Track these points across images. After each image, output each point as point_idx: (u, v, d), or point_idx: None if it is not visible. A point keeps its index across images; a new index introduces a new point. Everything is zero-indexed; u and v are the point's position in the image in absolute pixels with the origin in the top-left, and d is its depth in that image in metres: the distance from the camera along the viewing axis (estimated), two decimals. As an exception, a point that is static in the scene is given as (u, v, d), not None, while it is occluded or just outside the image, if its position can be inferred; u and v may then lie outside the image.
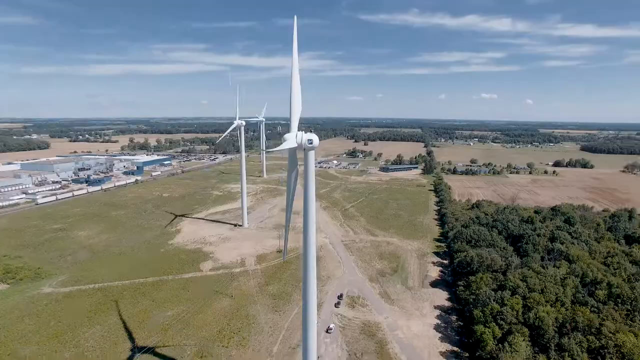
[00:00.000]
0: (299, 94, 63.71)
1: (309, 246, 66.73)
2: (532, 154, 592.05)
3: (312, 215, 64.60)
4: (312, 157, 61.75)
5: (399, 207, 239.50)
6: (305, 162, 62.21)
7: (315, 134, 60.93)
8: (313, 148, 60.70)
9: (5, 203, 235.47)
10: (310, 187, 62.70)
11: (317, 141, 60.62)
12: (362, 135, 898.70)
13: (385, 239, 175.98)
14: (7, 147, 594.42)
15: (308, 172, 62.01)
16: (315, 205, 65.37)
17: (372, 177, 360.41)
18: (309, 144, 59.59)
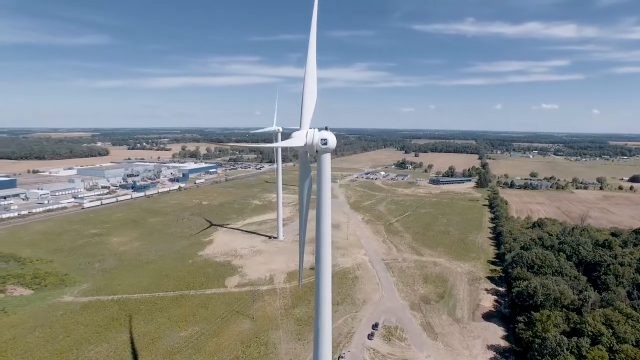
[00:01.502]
0: (314, 82, 50.68)
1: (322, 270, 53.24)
2: (601, 167, 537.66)
3: (327, 234, 51.24)
4: (327, 161, 48.33)
5: (448, 223, 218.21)
6: (318, 168, 48.84)
7: (331, 133, 47.41)
8: (328, 150, 47.26)
9: (55, 206, 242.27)
10: (324, 200, 49.28)
11: (333, 141, 47.10)
12: (412, 146, 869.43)
13: (432, 259, 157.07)
14: (72, 153, 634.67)
15: (322, 180, 48.57)
16: (330, 220, 51.63)
17: (421, 190, 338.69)
18: (323, 144, 46.17)
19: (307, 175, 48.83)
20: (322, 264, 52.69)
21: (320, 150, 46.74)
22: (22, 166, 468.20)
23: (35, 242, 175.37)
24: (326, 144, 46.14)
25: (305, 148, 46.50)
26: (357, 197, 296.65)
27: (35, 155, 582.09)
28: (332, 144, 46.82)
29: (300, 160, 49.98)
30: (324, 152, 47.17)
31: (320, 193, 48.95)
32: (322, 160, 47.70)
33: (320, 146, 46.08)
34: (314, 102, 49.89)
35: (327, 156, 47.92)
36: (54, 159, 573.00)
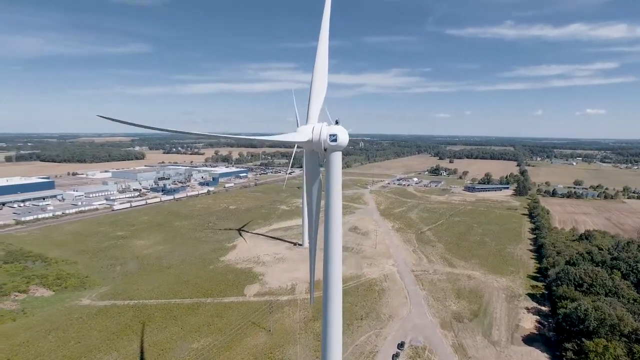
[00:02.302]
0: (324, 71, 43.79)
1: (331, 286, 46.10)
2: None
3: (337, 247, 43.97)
4: (337, 162, 41.11)
5: (484, 232, 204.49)
6: (327, 170, 41.62)
7: (343, 128, 40.21)
8: (338, 148, 40.07)
9: (86, 208, 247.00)
10: (333, 207, 42.02)
11: (344, 138, 39.84)
12: (447, 152, 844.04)
13: (466, 272, 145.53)
14: (111, 157, 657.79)
15: (331, 184, 41.38)
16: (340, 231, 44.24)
17: (455, 197, 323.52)
18: (332, 141, 39.00)
19: (314, 179, 41.86)
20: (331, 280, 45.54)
21: (329, 149, 39.59)
22: (64, 168, 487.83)
23: (64, 242, 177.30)
24: (336, 141, 38.94)
25: (311, 145, 39.48)
26: (387, 204, 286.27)
27: (77, 159, 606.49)
28: (344, 140, 39.55)
29: (305, 160, 43.17)
30: (333, 150, 39.99)
31: (329, 199, 41.79)
32: (331, 160, 40.53)
33: (329, 143, 38.94)
34: (323, 93, 42.96)
35: (338, 155, 40.69)
36: (94, 162, 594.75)
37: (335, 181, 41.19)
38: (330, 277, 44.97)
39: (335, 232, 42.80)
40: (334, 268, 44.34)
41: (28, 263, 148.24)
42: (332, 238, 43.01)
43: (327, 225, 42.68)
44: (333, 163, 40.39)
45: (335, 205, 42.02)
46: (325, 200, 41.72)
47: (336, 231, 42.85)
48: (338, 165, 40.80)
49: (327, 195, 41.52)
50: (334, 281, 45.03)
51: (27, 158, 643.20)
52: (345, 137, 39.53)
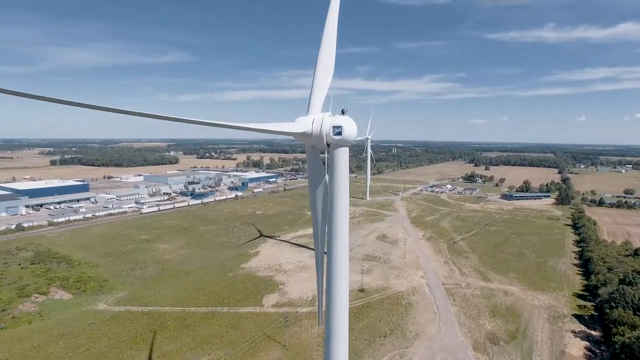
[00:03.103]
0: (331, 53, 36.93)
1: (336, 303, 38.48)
2: None
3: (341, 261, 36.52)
4: (342, 160, 33.87)
5: (523, 244, 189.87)
6: (330, 169, 34.46)
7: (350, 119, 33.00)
8: (344, 143, 32.85)
9: (116, 210, 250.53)
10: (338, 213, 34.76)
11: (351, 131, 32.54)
12: (483, 159, 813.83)
13: (502, 287, 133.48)
14: (146, 161, 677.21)
15: (335, 185, 34.23)
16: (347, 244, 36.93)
17: (492, 205, 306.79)
18: (336, 134, 31.89)
19: (318, 180, 34.84)
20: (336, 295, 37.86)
21: (332, 143, 32.55)
22: (101, 172, 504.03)
23: (90, 245, 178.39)
24: (340, 134, 31.81)
25: (311, 139, 32.54)
26: (419, 212, 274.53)
27: (114, 163, 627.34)
28: (350, 134, 32.36)
29: (307, 158, 36.08)
30: (337, 146, 32.87)
31: (333, 204, 34.64)
32: (335, 157, 33.39)
33: (332, 137, 31.88)
34: (329, 80, 36.03)
35: (343, 153, 33.47)
36: (130, 166, 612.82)
37: (340, 183, 34.06)
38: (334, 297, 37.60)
39: (340, 243, 35.60)
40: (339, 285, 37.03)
41: (53, 264, 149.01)
42: (336, 250, 35.82)
43: (331, 234, 35.61)
44: (337, 161, 33.27)
45: (340, 211, 34.84)
46: (329, 205, 34.74)
47: (341, 242, 35.63)
48: (344, 164, 33.65)
49: (331, 199, 34.50)
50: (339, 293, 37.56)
51: (69, 162, 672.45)
52: (352, 130, 32.41)
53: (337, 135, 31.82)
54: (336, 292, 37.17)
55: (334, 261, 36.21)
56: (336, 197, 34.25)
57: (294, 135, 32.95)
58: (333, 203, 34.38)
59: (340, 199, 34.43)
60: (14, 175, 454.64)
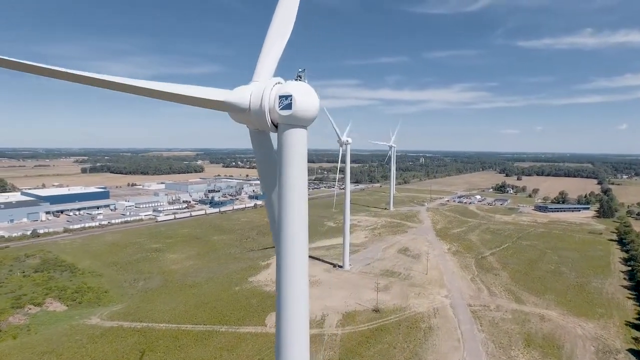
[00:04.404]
0: (292, 13, 26.39)
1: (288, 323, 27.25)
2: None
3: (296, 268, 25.58)
4: (296, 143, 23.02)
5: (561, 260, 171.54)
6: (280, 158, 23.63)
7: (307, 87, 22.26)
8: (297, 121, 22.03)
9: (132, 218, 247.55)
10: (290, 213, 23.96)
11: (306, 103, 21.71)
12: (514, 169, 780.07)
13: (538, 311, 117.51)
14: (171, 169, 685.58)
15: (285, 178, 23.41)
16: (305, 254, 26.10)
17: (524, 218, 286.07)
18: (284, 108, 21.14)
19: (271, 175, 24.19)
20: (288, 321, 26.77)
21: (281, 123, 21.93)
22: (127, 180, 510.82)
23: (98, 253, 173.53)
24: (290, 108, 21.20)
25: (250, 117, 22.04)
26: (445, 223, 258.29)
27: (141, 171, 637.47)
28: (305, 107, 21.70)
29: (253, 146, 25.51)
30: (289, 125, 22.21)
31: (284, 205, 23.90)
32: (285, 142, 22.73)
33: (279, 111, 21.31)
34: (283, 43, 25.46)
35: (298, 136, 22.74)
36: (156, 174, 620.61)
37: (293, 178, 23.36)
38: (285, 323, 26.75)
39: (293, 256, 24.92)
40: (291, 307, 26.25)
41: (56, 273, 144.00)
42: (288, 262, 25.08)
43: (280, 242, 24.94)
44: (288, 148, 22.64)
45: (294, 215, 24.23)
46: (277, 206, 24.16)
47: (294, 255, 24.93)
48: (299, 153, 22.98)
49: (280, 199, 23.85)
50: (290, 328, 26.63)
51: (99, 170, 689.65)
52: (309, 101, 21.83)
53: (285, 109, 21.25)
54: (287, 317, 26.29)
55: (287, 275, 25.56)
56: (287, 197, 23.55)
57: (229, 112, 22.65)
58: (283, 204, 23.67)
59: (293, 199, 23.72)
60: (44, 182, 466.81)
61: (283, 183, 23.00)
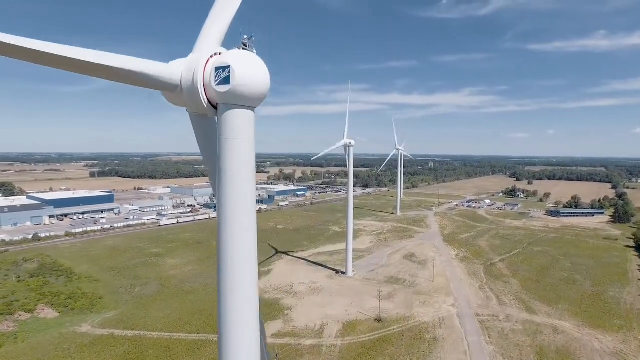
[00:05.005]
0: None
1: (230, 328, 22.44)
2: None
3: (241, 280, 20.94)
4: (239, 127, 18.37)
5: (574, 268, 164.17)
6: (219, 145, 18.97)
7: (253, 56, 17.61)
8: (239, 100, 17.38)
9: (134, 222, 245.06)
10: (232, 210, 19.26)
11: (251, 76, 17.00)
12: (525, 173, 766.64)
13: (551, 321, 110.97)
14: (179, 173, 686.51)
15: (226, 169, 18.76)
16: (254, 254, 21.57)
17: (536, 223, 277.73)
18: (221, 83, 16.68)
19: (204, 147, 19.66)
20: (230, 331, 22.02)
21: (220, 103, 17.38)
22: (134, 184, 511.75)
23: (97, 257, 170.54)
24: (228, 82, 16.70)
25: (182, 94, 17.53)
26: (453, 228, 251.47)
27: (149, 175, 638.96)
28: (248, 81, 17.26)
29: (195, 132, 20.95)
30: (229, 106, 17.63)
31: (223, 200, 19.30)
32: (225, 126, 18.18)
33: (215, 87, 16.77)
34: (233, 9, 20.83)
35: (241, 118, 18.18)
36: (163, 178, 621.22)
37: (235, 172, 18.78)
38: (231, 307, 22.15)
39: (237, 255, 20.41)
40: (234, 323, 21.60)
41: (52, 278, 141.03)
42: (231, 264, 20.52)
43: (221, 241, 20.38)
44: (227, 134, 18.09)
45: (237, 212, 19.67)
46: (217, 198, 19.67)
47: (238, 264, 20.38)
48: (243, 139, 18.37)
49: (219, 194, 19.31)
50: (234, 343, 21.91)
51: (107, 174, 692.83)
52: (252, 73, 17.33)
53: (222, 84, 16.86)
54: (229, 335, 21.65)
55: (228, 286, 20.86)
56: (226, 195, 18.97)
57: (161, 91, 18.19)
58: (222, 202, 19.08)
59: (233, 196, 19.12)
60: (53, 186, 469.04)
61: (222, 179, 18.49)
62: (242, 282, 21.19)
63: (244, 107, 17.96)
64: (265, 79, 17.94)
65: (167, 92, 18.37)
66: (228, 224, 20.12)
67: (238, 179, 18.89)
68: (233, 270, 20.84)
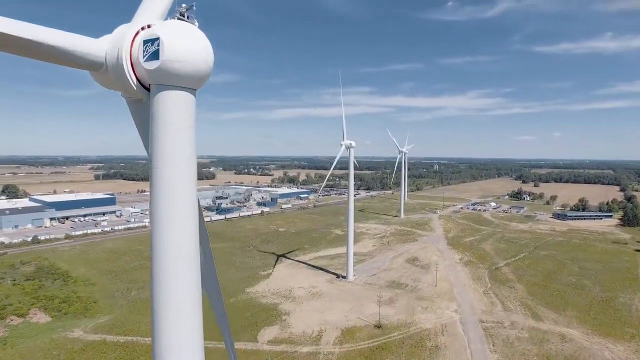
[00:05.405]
0: None
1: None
2: None
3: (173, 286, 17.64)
4: (174, 112, 15.33)
5: (582, 272, 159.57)
6: (152, 132, 15.97)
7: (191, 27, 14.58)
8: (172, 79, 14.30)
9: (135, 225, 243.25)
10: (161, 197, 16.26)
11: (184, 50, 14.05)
12: (531, 175, 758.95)
13: (558, 329, 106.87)
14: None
15: (160, 160, 15.79)
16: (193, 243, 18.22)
17: (542, 226, 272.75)
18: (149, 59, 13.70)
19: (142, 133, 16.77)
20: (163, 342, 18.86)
21: (152, 83, 14.47)
22: (138, 186, 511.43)
23: (95, 260, 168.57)
24: (157, 57, 13.81)
25: (108, 74, 14.61)
26: (458, 231, 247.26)
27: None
28: (180, 56, 14.30)
29: (134, 120, 18.03)
30: (162, 87, 14.72)
31: (153, 198, 16.38)
32: (157, 110, 15.26)
33: (143, 64, 13.87)
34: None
35: (175, 101, 15.23)
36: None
37: (169, 158, 15.86)
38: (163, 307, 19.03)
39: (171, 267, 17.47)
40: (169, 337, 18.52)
41: (48, 282, 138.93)
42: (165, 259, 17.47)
43: (153, 248, 17.47)
44: (159, 120, 15.18)
45: (169, 213, 16.71)
46: (150, 192, 16.79)
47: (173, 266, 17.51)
48: (178, 125, 15.48)
49: (151, 188, 16.42)
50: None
51: (112, 176, 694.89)
52: (187, 46, 14.38)
53: (150, 59, 13.97)
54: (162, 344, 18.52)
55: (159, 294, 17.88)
56: (160, 190, 16.02)
57: (90, 71, 15.34)
58: (155, 198, 16.14)
59: (171, 194, 16.15)
60: (57, 188, 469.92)
61: (154, 174, 15.65)
62: (173, 297, 18.13)
63: (181, 89, 15.13)
64: (205, 54, 14.99)
65: (94, 73, 15.57)
66: (160, 230, 17.21)
67: (172, 174, 16.02)
68: (166, 286, 17.88)
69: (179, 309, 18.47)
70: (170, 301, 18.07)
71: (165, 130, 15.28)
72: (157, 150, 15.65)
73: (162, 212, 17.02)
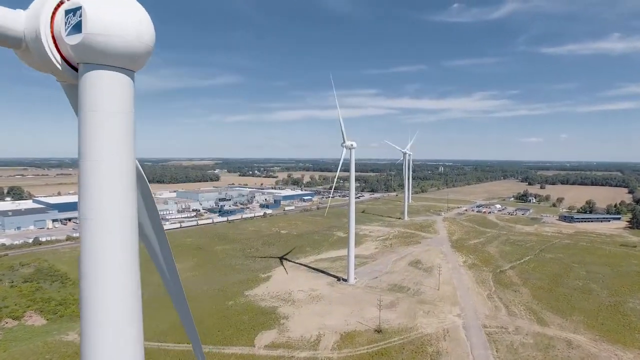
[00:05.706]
0: None
1: None
2: None
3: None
4: (108, 96, 13.17)
5: (589, 276, 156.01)
6: (80, 120, 13.85)
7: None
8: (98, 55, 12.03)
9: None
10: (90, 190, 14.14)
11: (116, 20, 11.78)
12: (537, 177, 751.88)
13: (564, 334, 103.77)
14: (187, 178, 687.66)
15: (90, 151, 13.63)
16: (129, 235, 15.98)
17: (548, 228, 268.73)
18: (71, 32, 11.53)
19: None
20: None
21: (79, 62, 12.45)
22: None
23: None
24: (79, 29, 11.79)
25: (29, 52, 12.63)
26: (462, 234, 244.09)
27: (157, 179, 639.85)
28: (107, 29, 12.16)
29: (71, 103, 15.91)
30: (91, 65, 12.70)
31: (81, 190, 14.35)
32: (85, 89, 13.23)
33: (65, 38, 11.86)
34: None
35: (106, 80, 13.18)
36: (171, 182, 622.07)
37: (98, 149, 13.83)
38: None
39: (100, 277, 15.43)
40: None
41: (46, 284, 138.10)
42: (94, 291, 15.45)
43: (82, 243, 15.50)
44: (88, 101, 13.18)
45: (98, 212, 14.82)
46: (78, 189, 14.82)
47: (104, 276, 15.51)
48: (111, 110, 13.43)
49: (79, 182, 14.43)
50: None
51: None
52: (117, 17, 12.30)
53: (72, 33, 11.91)
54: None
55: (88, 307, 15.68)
56: (88, 187, 14.01)
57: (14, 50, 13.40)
58: (83, 194, 14.13)
59: (102, 191, 14.13)
60: (62, 190, 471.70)
61: (81, 166, 13.64)
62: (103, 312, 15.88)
63: (114, 69, 13.11)
64: (141, 27, 12.71)
65: (17, 51, 13.64)
66: (87, 233, 15.20)
67: (100, 167, 14.01)
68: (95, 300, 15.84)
69: (113, 323, 16.34)
70: (101, 316, 15.96)
71: (93, 116, 13.21)
72: (84, 140, 13.57)
73: (88, 212, 15.04)
